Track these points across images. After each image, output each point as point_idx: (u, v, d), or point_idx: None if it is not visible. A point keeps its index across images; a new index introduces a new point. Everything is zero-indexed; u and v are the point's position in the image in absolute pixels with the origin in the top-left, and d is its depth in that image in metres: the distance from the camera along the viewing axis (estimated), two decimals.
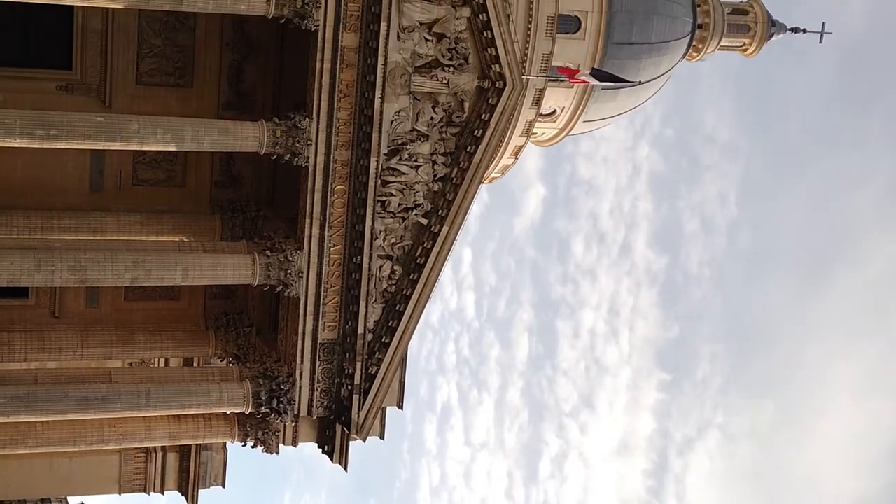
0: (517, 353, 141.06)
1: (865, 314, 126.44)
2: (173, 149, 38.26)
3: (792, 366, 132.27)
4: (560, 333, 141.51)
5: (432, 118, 38.70)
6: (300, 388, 40.25)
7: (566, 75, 41.81)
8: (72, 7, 40.72)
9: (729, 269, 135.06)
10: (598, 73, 41.73)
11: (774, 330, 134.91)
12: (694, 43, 59.60)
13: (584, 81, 41.51)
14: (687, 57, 60.12)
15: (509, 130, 49.39)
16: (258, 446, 41.64)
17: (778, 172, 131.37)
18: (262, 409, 40.29)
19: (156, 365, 52.60)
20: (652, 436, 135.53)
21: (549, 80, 49.18)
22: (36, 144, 36.36)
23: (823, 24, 63.80)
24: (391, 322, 40.10)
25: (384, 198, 38.91)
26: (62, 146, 37.13)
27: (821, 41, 64.35)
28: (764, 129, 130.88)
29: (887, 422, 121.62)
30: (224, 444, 44.83)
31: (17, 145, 36.34)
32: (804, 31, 63.74)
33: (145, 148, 38.64)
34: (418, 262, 39.75)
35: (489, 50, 38.15)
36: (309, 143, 38.05)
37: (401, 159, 38.71)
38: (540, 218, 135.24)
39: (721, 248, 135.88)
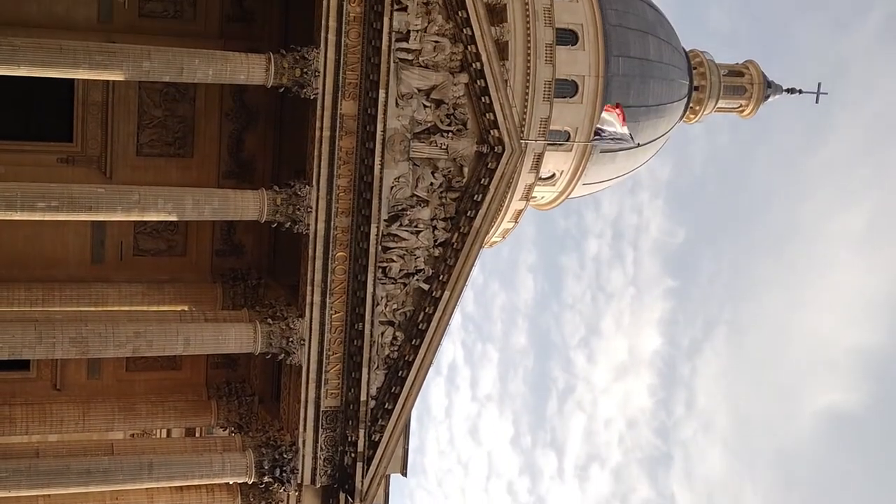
0: (522, 296, 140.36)
1: (864, 159, 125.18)
2: (174, 219, 38.34)
3: (792, 226, 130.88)
4: (565, 268, 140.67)
5: (432, 184, 38.82)
6: (303, 456, 39.95)
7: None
8: (72, 80, 41.05)
9: (732, 158, 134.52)
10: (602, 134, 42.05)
11: (773, 193, 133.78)
12: (691, 105, 59.99)
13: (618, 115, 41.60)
14: (684, 119, 60.48)
15: (509, 194, 49.58)
16: None
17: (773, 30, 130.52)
18: (265, 479, 39.95)
19: (158, 436, 52.28)
20: (659, 349, 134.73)
21: (548, 144, 49.45)
22: (37, 217, 36.44)
23: (819, 84, 64.28)
24: (394, 388, 39.91)
25: (385, 264, 38.92)
26: (63, 218, 37.22)
27: (817, 101, 64.77)
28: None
29: (886, 272, 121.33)
30: None
31: (18, 218, 36.41)
32: (800, 91, 64.11)
33: (146, 218, 38.73)
34: (420, 327, 39.64)
35: (487, 115, 38.37)
36: (309, 210, 38.13)
37: (401, 225, 38.76)
38: None
39: (724, 144, 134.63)
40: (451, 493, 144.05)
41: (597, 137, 42.92)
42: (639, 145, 51.20)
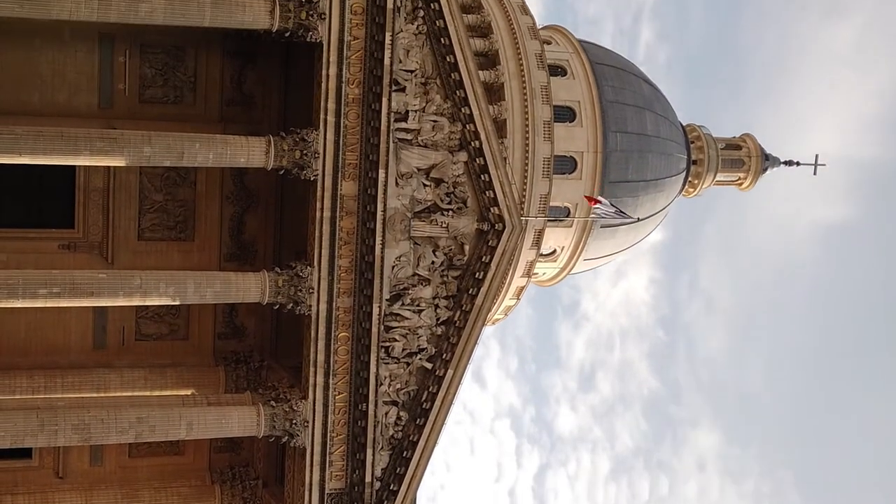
0: None
1: None
2: (176, 302, 38.31)
3: (783, 44, 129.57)
4: None
5: (433, 262, 38.84)
6: None
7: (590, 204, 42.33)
8: (74, 166, 41.28)
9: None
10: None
11: (764, 16, 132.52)
12: (690, 179, 60.17)
13: (597, 201, 41.88)
14: (683, 192, 60.63)
15: (510, 271, 49.50)
16: None
17: None
18: None
19: None
20: (661, 239, 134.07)
21: (548, 221, 49.51)
22: (39, 304, 36.43)
23: (817, 156, 64.49)
24: (399, 469, 39.54)
25: (388, 343, 38.78)
26: (65, 304, 37.20)
27: (815, 173, 64.94)
28: None
29: (877, 86, 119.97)
30: None
31: (20, 305, 36.39)
32: (797, 163, 64.29)
33: (148, 303, 38.69)
34: (424, 406, 39.38)
35: (487, 193, 38.50)
36: (311, 291, 38.11)
37: (403, 304, 38.71)
38: None
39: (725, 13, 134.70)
40: (460, 441, 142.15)
41: (596, 213, 42.95)
42: (639, 220, 51.33)
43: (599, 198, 42.78)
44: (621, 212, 42.16)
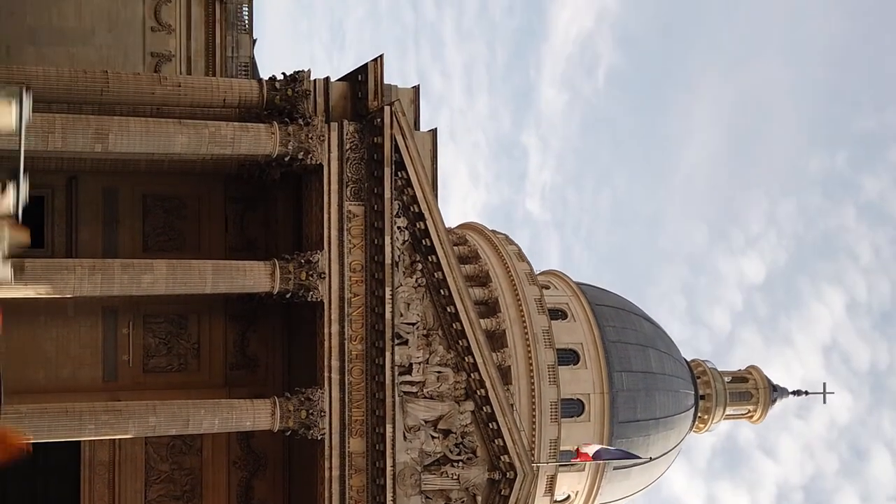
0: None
1: None
2: None
3: None
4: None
5: None
6: None
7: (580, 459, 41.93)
8: (79, 441, 40.98)
9: None
10: (606, 452, 41.68)
11: None
12: (699, 414, 59.81)
13: (589, 458, 41.46)
14: (694, 429, 60.12)
15: None
16: None
17: None
18: None
19: None
20: None
21: (560, 466, 48.89)
22: None
23: (825, 384, 64.32)
24: None
25: None
26: None
27: (824, 401, 64.62)
28: None
29: None
30: None
31: None
32: (806, 392, 64.07)
33: None
34: None
35: (496, 441, 38.15)
36: None
37: None
38: None
39: None
40: None
41: (606, 454, 42.50)
42: (651, 459, 50.74)
43: (594, 447, 42.38)
44: (627, 452, 41.71)
